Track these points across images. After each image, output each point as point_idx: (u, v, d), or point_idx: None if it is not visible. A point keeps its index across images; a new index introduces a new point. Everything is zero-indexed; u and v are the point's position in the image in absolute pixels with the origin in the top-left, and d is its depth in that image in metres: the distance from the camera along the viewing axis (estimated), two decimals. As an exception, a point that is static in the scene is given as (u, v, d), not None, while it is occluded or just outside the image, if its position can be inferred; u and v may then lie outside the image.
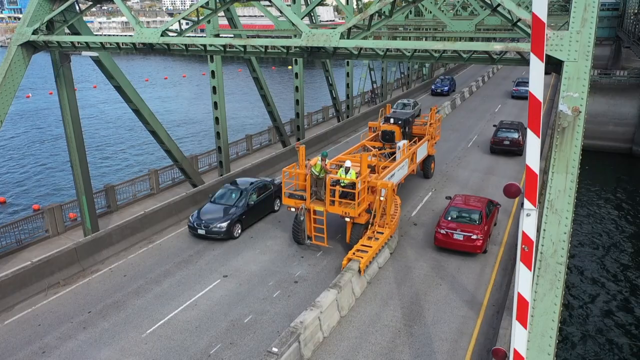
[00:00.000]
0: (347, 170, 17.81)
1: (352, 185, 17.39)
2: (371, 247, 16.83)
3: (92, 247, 18.23)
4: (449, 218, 18.62)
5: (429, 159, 26.13)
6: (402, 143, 22.40)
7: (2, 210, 29.75)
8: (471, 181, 26.39)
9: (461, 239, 17.84)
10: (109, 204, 22.68)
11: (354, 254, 16.40)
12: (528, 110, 5.08)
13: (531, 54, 4.45)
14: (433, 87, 52.94)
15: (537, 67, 4.52)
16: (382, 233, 17.75)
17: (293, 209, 18.39)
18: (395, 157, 22.00)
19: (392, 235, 18.67)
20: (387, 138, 23.92)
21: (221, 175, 26.17)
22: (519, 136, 30.54)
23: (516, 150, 30.40)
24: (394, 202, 19.40)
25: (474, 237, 17.70)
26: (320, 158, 18.18)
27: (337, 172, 18.28)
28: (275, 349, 11.86)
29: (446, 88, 52.04)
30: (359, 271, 15.84)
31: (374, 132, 25.39)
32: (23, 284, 15.96)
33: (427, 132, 25.53)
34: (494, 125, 32.80)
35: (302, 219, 18.39)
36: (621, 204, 28.67)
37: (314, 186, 18.23)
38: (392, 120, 24.43)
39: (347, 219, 17.81)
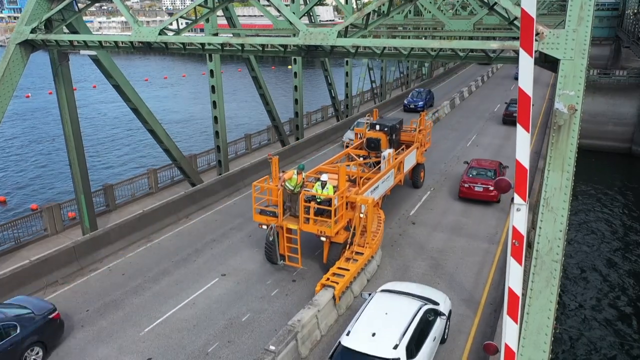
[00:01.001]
0: (323, 184, 16.27)
1: (329, 201, 15.83)
2: (348, 270, 15.21)
3: (90, 246, 18.24)
4: (470, 175, 23.27)
5: (418, 167, 24.59)
6: (387, 152, 20.90)
7: (1, 210, 29.77)
8: (470, 180, 26.37)
9: (481, 190, 22.52)
10: (108, 203, 22.69)
11: (328, 279, 14.82)
12: (517, 104, 5.11)
13: (520, 49, 4.46)
14: (406, 102, 45.18)
15: (526, 62, 4.55)
16: (362, 254, 16.09)
17: (265, 227, 16.76)
18: (380, 167, 20.85)
19: (374, 255, 17.11)
20: (372, 146, 22.10)
21: (220, 174, 26.19)
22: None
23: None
24: (377, 217, 18.19)
25: (491, 188, 22.09)
26: (295, 171, 16.70)
27: (313, 186, 16.80)
28: (272, 347, 11.88)
29: (421, 103, 43.73)
30: (334, 298, 14.40)
31: (360, 138, 23.68)
32: (21, 283, 15.97)
33: (416, 139, 24.07)
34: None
35: (271, 239, 16.82)
36: (620, 203, 28.68)
37: (288, 201, 16.85)
38: (377, 127, 22.75)
39: (323, 239, 16.26)
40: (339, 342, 11.37)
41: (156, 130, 21.27)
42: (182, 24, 17.14)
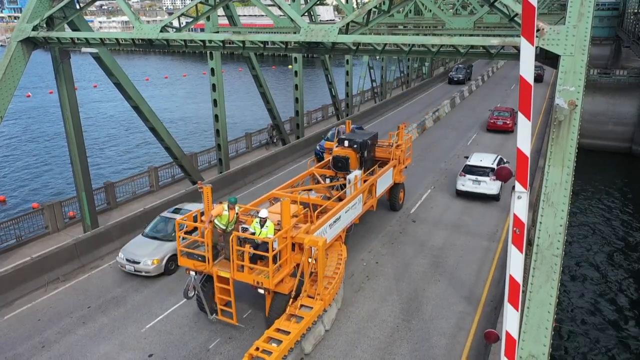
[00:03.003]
0: (262, 222, 13.16)
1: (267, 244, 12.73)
2: (289, 333, 12.23)
3: (91, 244, 18.28)
4: (495, 114, 36.27)
5: (396, 188, 21.59)
6: (353, 175, 17.97)
7: (1, 209, 29.79)
8: (470, 179, 26.41)
9: (501, 124, 35.66)
10: (109, 200, 22.73)
11: (257, 348, 11.72)
12: (519, 93, 5.16)
13: (522, 38, 4.51)
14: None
15: (527, 51, 4.59)
16: (311, 308, 13.05)
17: (193, 273, 13.72)
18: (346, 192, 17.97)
19: (327, 308, 13.91)
20: (340, 166, 19.08)
21: (220, 172, 26.23)
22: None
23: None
24: (338, 256, 15.43)
25: (509, 122, 35.35)
26: (226, 206, 13.63)
27: (251, 223, 13.56)
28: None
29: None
30: None
31: (331, 153, 20.11)
32: (23, 280, 16.02)
33: (393, 156, 20.86)
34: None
35: (190, 295, 13.99)
36: (620, 203, 28.70)
37: (222, 241, 13.92)
38: (346, 143, 19.53)
39: (261, 291, 13.24)
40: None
41: (157, 129, 21.30)
42: (183, 22, 17.18)
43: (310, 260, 13.06)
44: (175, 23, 16.27)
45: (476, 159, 23.98)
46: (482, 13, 17.97)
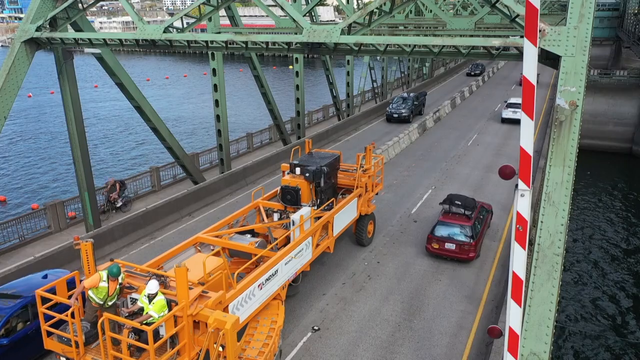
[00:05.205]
0: (150, 298, 9.96)
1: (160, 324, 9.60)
2: None
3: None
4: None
5: (363, 220, 17.98)
6: (298, 214, 14.16)
7: (2, 209, 29.86)
8: (471, 179, 26.55)
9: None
10: (111, 200, 22.80)
11: None
12: (522, 93, 5.26)
13: (525, 39, 4.60)
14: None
15: (530, 52, 4.68)
16: None
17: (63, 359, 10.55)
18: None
19: None
20: (289, 198, 15.81)
21: (222, 172, 26.32)
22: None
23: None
24: (271, 324, 12.08)
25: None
26: (105, 275, 10.39)
27: (141, 293, 10.26)
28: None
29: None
30: None
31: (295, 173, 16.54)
32: (26, 279, 16.06)
33: (358, 183, 17.18)
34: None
35: None
36: (621, 203, 28.77)
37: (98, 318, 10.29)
38: (297, 170, 16.17)
39: None
40: None
41: (159, 128, 21.38)
42: (185, 23, 17.27)
43: (216, 345, 9.61)
44: (178, 24, 16.36)
45: (514, 100, 39.31)
46: (482, 13, 18.04)
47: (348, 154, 27.55)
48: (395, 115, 38.97)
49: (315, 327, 14.15)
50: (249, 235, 14.49)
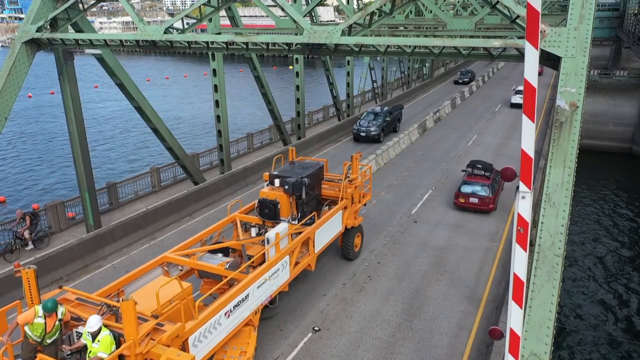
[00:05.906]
0: (94, 335, 9.03)
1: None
2: None
3: (94, 244, 18.37)
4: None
5: (349, 233, 17.00)
6: (273, 232, 12.99)
7: (1, 210, 29.87)
8: (471, 179, 26.53)
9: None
10: (111, 201, 22.83)
11: None
12: (523, 95, 5.27)
13: (526, 41, 4.61)
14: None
15: (531, 55, 4.69)
16: None
17: None
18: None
19: None
20: (267, 213, 14.76)
21: (222, 173, 26.33)
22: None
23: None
24: (240, 355, 11.21)
25: None
26: (40, 311, 9.46)
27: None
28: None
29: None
30: None
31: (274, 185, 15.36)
32: (26, 279, 16.04)
33: (343, 195, 16.21)
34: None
35: None
36: (621, 203, 28.79)
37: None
38: (276, 182, 15.09)
39: None
40: None
41: (159, 129, 21.40)
42: (185, 24, 17.27)
43: None
44: (178, 24, 16.37)
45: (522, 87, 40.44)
46: (483, 14, 17.99)
47: (347, 156, 27.53)
48: (363, 134, 33.14)
49: (316, 328, 14.17)
50: (220, 255, 13.53)
